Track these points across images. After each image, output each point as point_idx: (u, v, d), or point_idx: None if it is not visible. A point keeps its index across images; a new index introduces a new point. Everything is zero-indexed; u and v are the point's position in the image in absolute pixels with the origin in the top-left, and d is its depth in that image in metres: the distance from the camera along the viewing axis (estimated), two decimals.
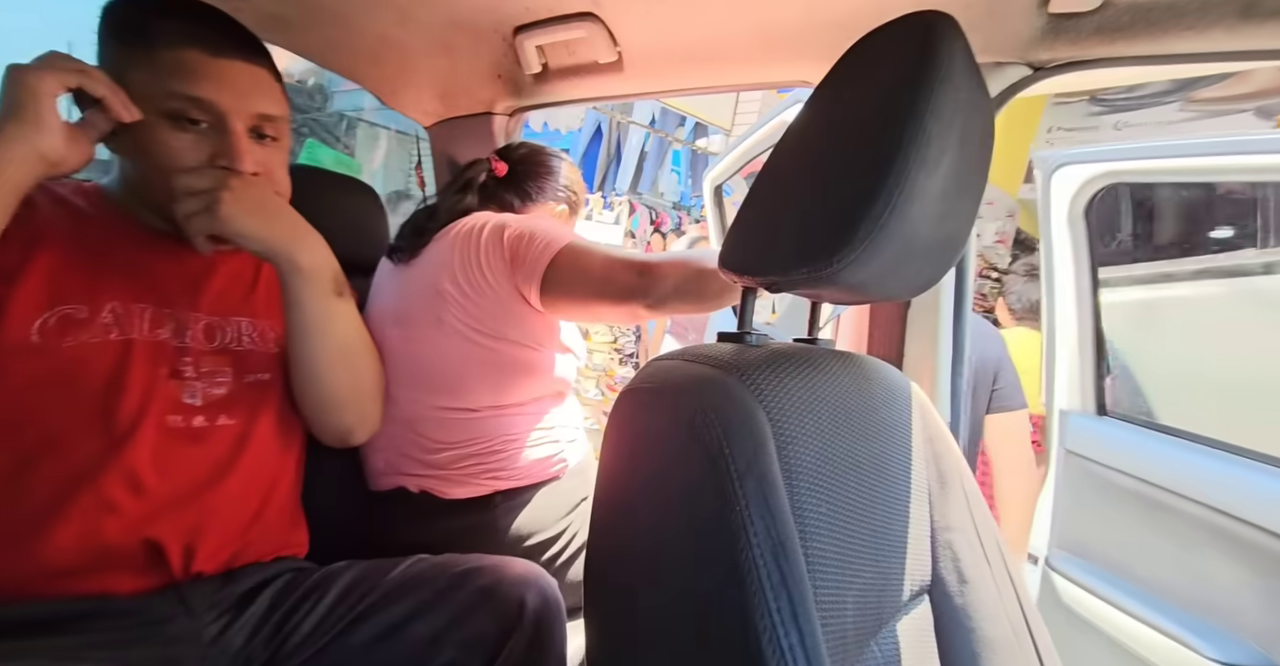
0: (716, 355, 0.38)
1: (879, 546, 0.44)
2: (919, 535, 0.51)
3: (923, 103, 0.35)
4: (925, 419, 0.55)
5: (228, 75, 0.55)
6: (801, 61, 0.70)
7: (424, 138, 1.20)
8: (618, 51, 0.79)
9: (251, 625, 0.56)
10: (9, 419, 0.49)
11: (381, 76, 1.02)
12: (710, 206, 2.01)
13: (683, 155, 5.55)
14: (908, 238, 0.40)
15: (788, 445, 0.35)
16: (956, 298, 0.72)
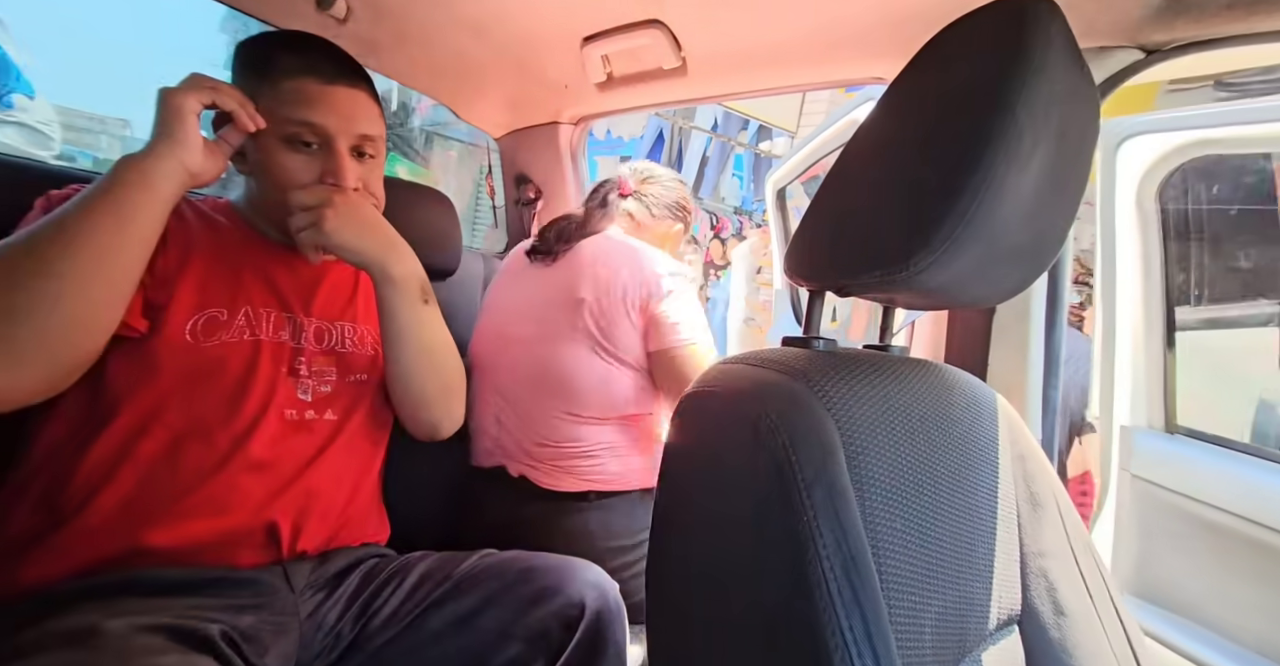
0: (782, 360, 0.37)
1: (960, 568, 0.41)
2: (1007, 560, 0.47)
3: (1013, 94, 0.33)
4: (1014, 434, 0.51)
5: (335, 101, 0.61)
6: (874, 58, 0.67)
7: (494, 148, 1.26)
8: (681, 57, 0.80)
9: (342, 604, 0.60)
10: (163, 408, 0.55)
11: (457, 92, 1.08)
12: (773, 211, 1.97)
13: (745, 159, 5.48)
14: (993, 239, 0.37)
15: (858, 455, 0.33)
16: (1049, 304, 0.66)
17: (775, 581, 0.28)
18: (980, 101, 0.34)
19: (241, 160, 0.63)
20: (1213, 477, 0.92)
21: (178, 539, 0.53)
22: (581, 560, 0.65)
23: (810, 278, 0.42)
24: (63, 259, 0.47)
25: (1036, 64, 0.33)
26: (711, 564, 0.32)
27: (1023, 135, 0.34)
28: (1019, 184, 0.36)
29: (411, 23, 0.87)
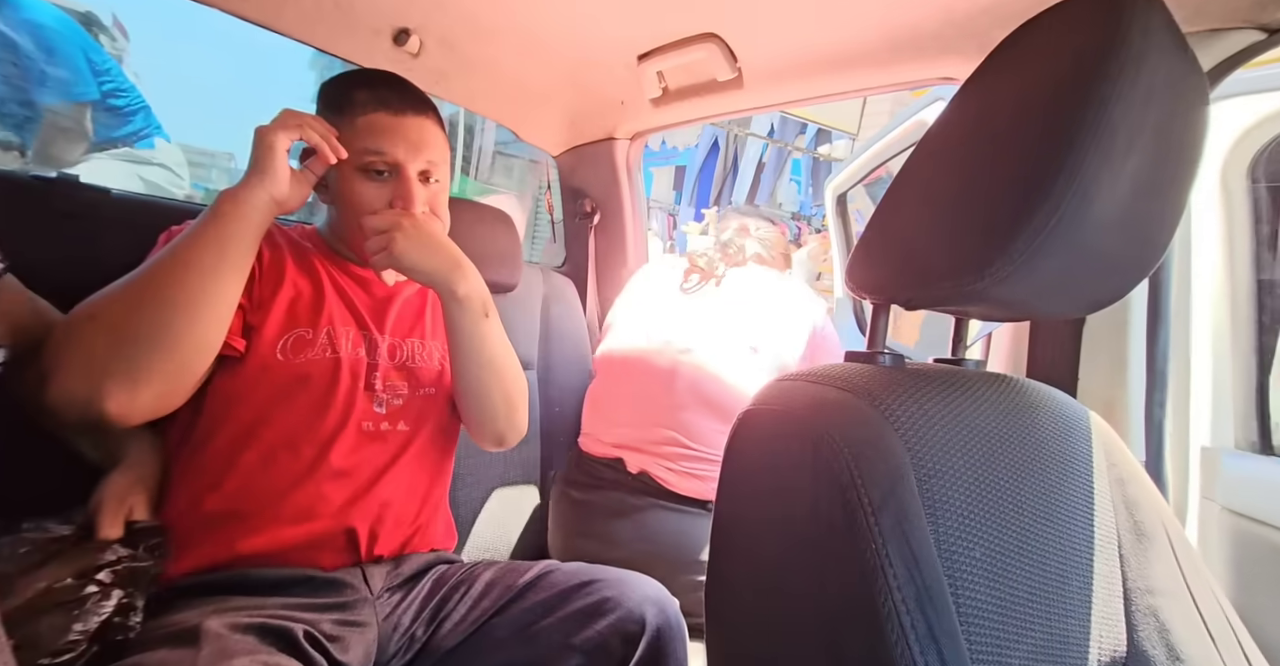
0: (844, 376, 0.35)
1: (1052, 603, 0.37)
2: (1107, 595, 0.42)
3: (1104, 89, 0.30)
4: (1112, 457, 0.46)
5: (404, 131, 0.65)
6: (943, 57, 0.64)
7: (553, 165, 1.30)
8: (737, 68, 0.79)
9: (415, 607, 0.63)
10: (259, 421, 0.60)
11: (519, 114, 1.13)
12: (833, 217, 1.91)
13: (803, 163, 5.35)
14: (1082, 245, 0.34)
15: (930, 478, 0.31)
16: (1151, 312, 0.59)
17: (841, 614, 0.27)
18: (1067, 98, 0.32)
19: (324, 189, 0.68)
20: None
21: (269, 542, 0.58)
22: (641, 575, 0.65)
23: (875, 290, 0.40)
24: (173, 286, 0.52)
25: (1133, 55, 0.30)
26: (771, 593, 0.30)
27: (1116, 133, 0.31)
28: (1113, 185, 0.33)
29: (477, 53, 0.92)
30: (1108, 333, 0.60)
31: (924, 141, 0.41)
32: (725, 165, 5.26)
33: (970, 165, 0.37)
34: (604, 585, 0.62)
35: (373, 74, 0.71)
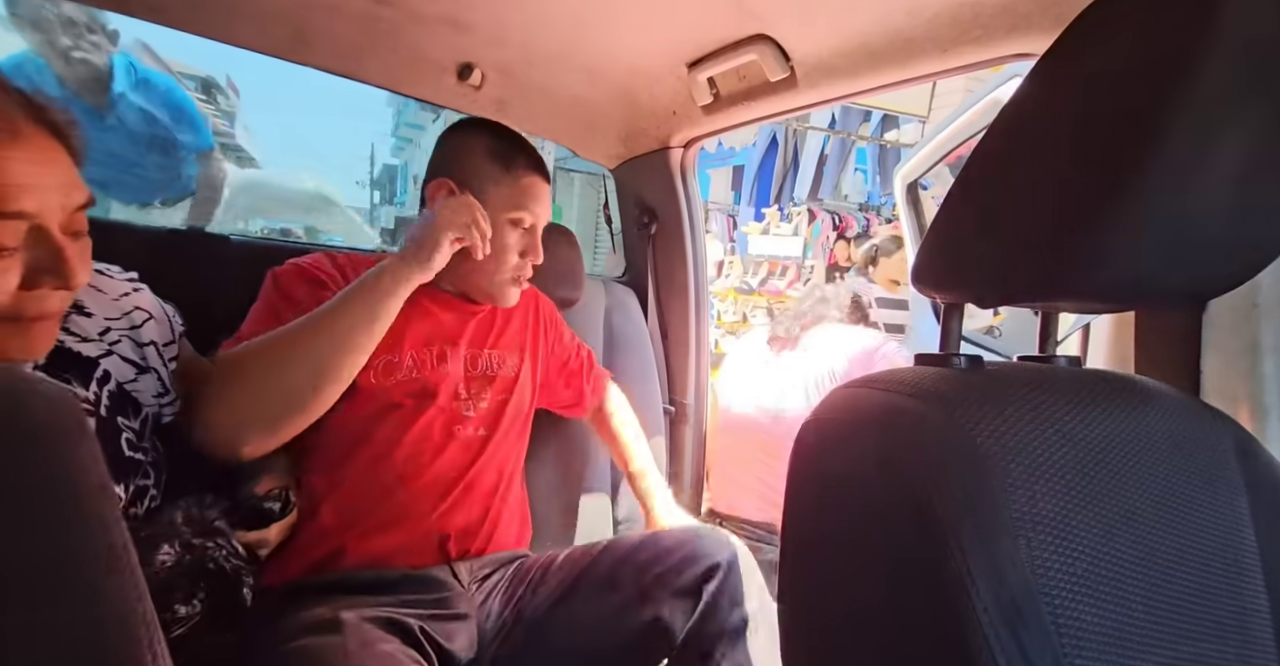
0: (914, 382, 0.33)
1: (1180, 625, 0.34)
2: (1248, 616, 0.37)
3: (1203, 54, 0.27)
4: (1247, 460, 0.41)
5: (545, 196, 0.76)
6: (1015, 33, 0.59)
7: (610, 177, 1.33)
8: (790, 67, 0.78)
9: (503, 595, 0.70)
10: (361, 438, 0.67)
11: (576, 133, 1.17)
12: (903, 206, 1.81)
13: (868, 152, 5.11)
14: (1187, 224, 0.31)
15: (1016, 489, 0.28)
16: None
17: (924, 636, 0.25)
18: (1161, 66, 0.29)
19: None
20: None
21: (372, 545, 0.65)
22: (707, 526, 0.72)
23: (947, 288, 0.38)
24: (319, 353, 0.57)
25: (1232, 11, 0.27)
26: (845, 614, 0.29)
27: (1220, 99, 0.28)
28: (1219, 157, 0.30)
29: (534, 79, 0.96)
30: (1234, 319, 0.53)
31: (996, 124, 0.38)
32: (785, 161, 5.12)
33: (1049, 145, 0.34)
34: (672, 536, 0.69)
35: (521, 138, 0.79)
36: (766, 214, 4.69)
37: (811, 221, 4.73)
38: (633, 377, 1.13)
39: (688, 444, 1.20)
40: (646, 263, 1.23)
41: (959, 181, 0.39)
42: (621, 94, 1.00)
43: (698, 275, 1.19)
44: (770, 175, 5.21)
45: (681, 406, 1.20)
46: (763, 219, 4.71)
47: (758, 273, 4.71)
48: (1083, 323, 0.63)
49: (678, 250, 1.19)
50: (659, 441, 1.13)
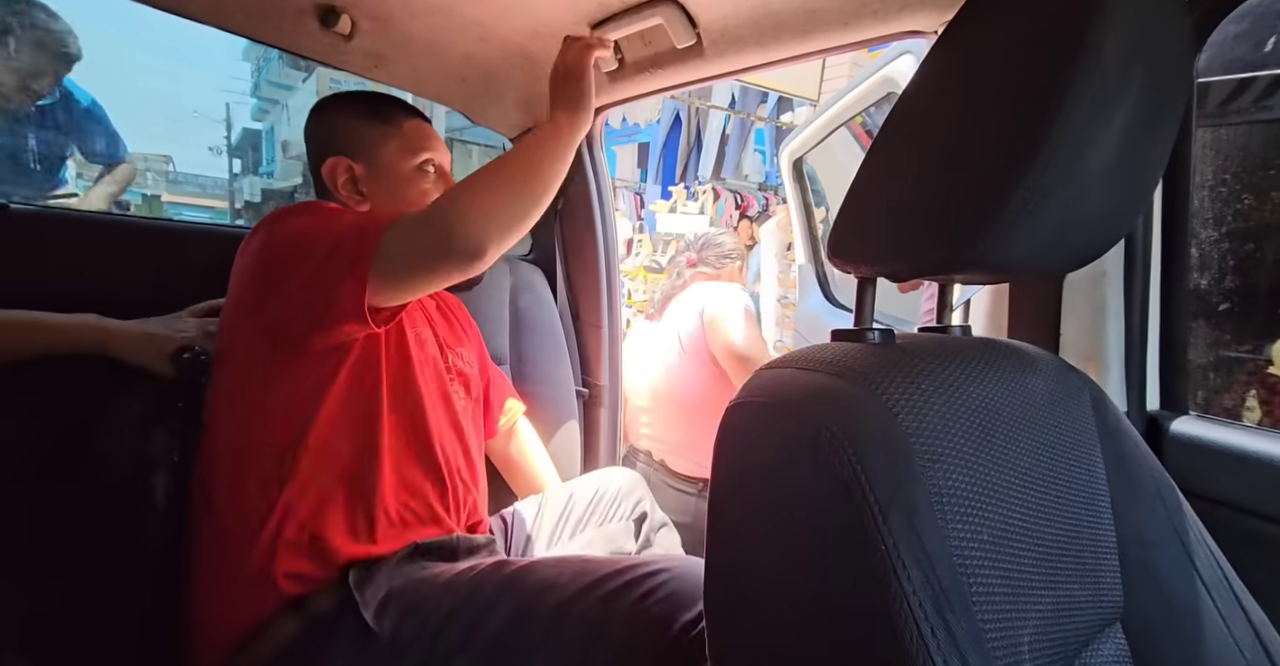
0: (836, 360, 0.33)
1: (1055, 571, 0.37)
2: (1102, 553, 0.42)
3: (1092, 35, 0.28)
4: (1100, 411, 0.46)
5: (436, 134, 0.76)
6: (911, 9, 0.61)
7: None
8: (696, 33, 0.75)
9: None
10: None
11: (468, 96, 1.07)
12: (790, 183, 1.88)
13: (767, 133, 5.30)
14: (1076, 203, 0.32)
15: (934, 464, 0.29)
16: (1128, 264, 0.59)
17: (855, 623, 0.25)
18: (1052, 47, 0.30)
19: (363, 200, 0.73)
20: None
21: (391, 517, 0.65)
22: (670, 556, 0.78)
23: (860, 263, 0.38)
24: (544, 174, 0.63)
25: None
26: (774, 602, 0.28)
27: (1106, 82, 0.29)
28: (1105, 138, 0.31)
29: (415, 32, 0.85)
30: (1088, 287, 0.60)
31: (901, 101, 0.38)
32: (689, 139, 5.18)
33: (953, 124, 0.34)
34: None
35: (387, 93, 0.79)
36: (673, 192, 4.73)
37: (716, 200, 4.84)
38: (543, 360, 1.08)
39: (603, 426, 1.18)
40: (554, 240, 1.17)
41: (868, 158, 0.39)
42: (519, 55, 0.92)
43: (608, 253, 1.16)
44: (675, 153, 5.25)
45: (596, 388, 1.18)
46: (670, 197, 4.75)
47: (667, 251, 4.77)
48: (969, 294, 0.69)
49: (586, 227, 1.14)
50: (572, 425, 1.10)
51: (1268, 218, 1.61)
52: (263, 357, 0.61)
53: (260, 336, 0.61)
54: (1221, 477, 0.56)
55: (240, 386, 0.62)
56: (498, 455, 0.95)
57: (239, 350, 0.62)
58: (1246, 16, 0.52)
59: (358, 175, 0.72)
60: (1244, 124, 1.70)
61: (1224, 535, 0.46)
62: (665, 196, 4.88)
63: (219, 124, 17.33)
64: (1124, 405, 0.61)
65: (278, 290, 0.59)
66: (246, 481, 0.60)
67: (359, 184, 0.72)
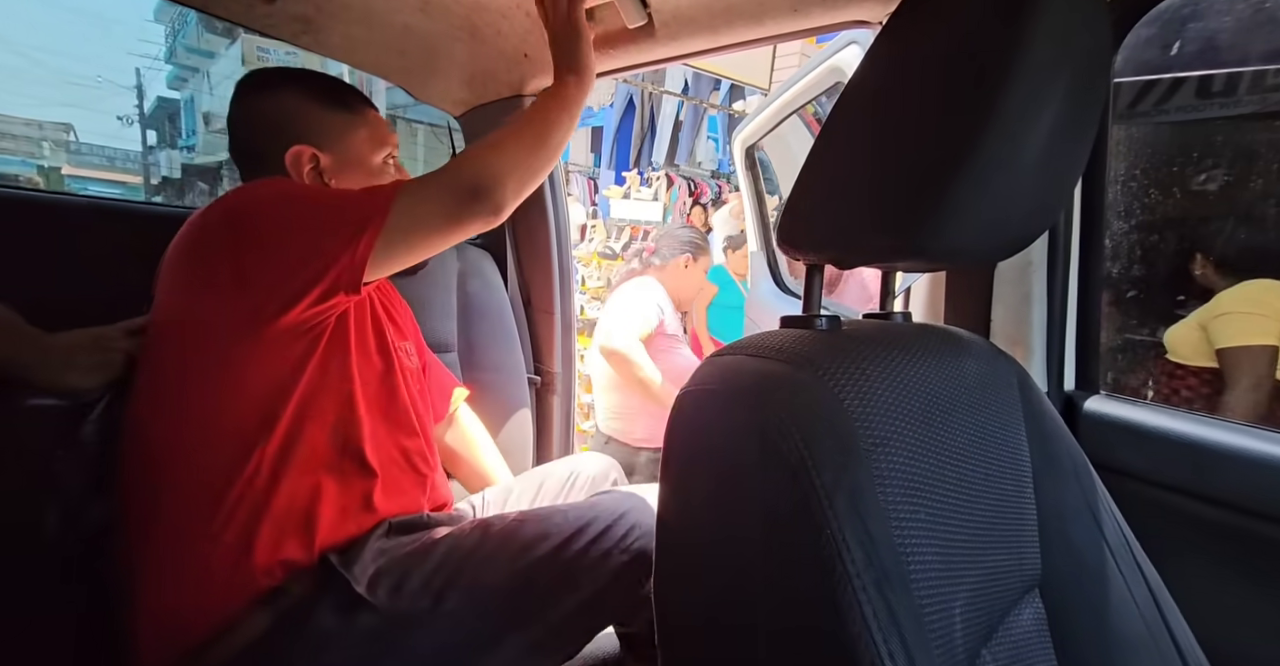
0: (785, 346, 0.33)
1: (984, 543, 0.39)
2: (1024, 524, 0.45)
3: (1027, 30, 0.29)
4: (1025, 393, 0.49)
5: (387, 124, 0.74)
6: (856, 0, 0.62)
7: (456, 129, 1.19)
8: (648, 14, 0.74)
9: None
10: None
11: (409, 69, 1.01)
12: (742, 171, 1.90)
13: (719, 120, 5.32)
14: (1009, 191, 0.34)
15: (876, 447, 0.30)
16: (1050, 254, 0.63)
17: (800, 606, 0.25)
18: (986, 40, 0.30)
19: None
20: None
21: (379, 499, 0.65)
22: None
23: (808, 250, 0.38)
24: (559, 134, 0.66)
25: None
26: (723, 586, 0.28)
27: (1035, 75, 0.30)
28: (1032, 131, 0.32)
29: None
30: (1015, 275, 0.63)
31: (846, 92, 0.38)
32: (642, 125, 5.13)
33: (895, 115, 0.35)
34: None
35: (330, 75, 0.74)
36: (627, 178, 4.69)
37: (670, 187, 4.84)
38: (492, 347, 1.05)
39: (556, 414, 1.16)
40: (504, 225, 1.14)
41: (816, 147, 0.39)
42: (463, 28, 0.87)
43: (560, 239, 1.13)
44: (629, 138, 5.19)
45: (549, 375, 1.16)
46: (623, 183, 4.70)
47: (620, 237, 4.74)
48: (910, 282, 0.71)
49: (538, 212, 1.11)
50: (524, 413, 1.08)
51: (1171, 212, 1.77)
52: (226, 339, 0.56)
53: (227, 314, 0.56)
54: (1127, 451, 0.61)
55: (199, 370, 0.57)
56: (439, 446, 0.92)
57: (195, 332, 0.57)
58: (1156, 20, 0.56)
59: (324, 166, 0.68)
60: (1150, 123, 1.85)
61: (1128, 504, 0.50)
62: (619, 182, 4.83)
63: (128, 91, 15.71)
64: (1045, 385, 0.66)
65: (264, 260, 0.55)
66: (208, 475, 0.55)
67: (325, 174, 0.68)
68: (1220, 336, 1.44)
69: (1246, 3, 1.46)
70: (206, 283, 0.56)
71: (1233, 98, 1.95)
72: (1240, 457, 0.56)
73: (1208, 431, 0.58)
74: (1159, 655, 0.43)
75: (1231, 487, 0.56)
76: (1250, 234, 1.69)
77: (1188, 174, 1.80)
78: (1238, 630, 0.55)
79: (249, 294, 0.55)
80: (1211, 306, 1.49)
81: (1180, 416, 0.60)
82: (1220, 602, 0.55)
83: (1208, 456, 0.57)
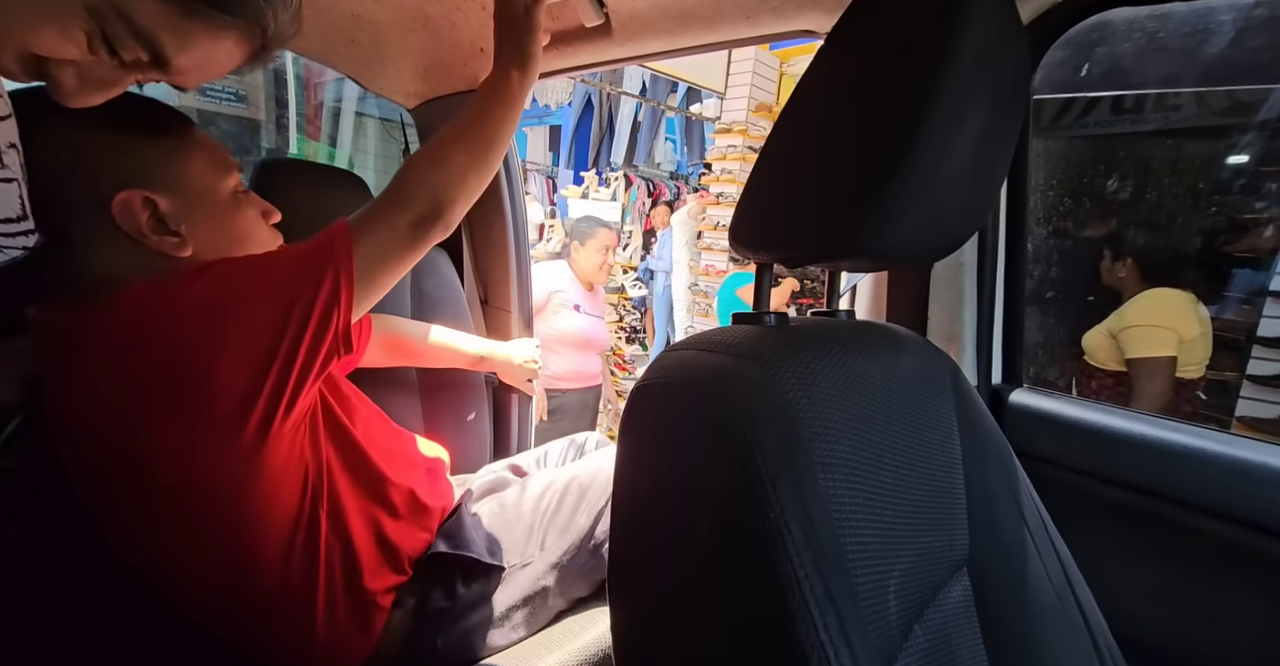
0: (735, 342, 0.35)
1: (917, 525, 0.42)
2: (955, 508, 0.49)
3: (951, 44, 0.31)
4: (958, 385, 0.53)
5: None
6: (804, 10, 0.64)
7: (410, 123, 1.16)
8: (604, 13, 0.74)
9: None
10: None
11: (359, 59, 0.97)
12: None
13: (677, 122, 5.38)
14: (939, 197, 0.36)
15: (819, 437, 0.32)
16: (980, 255, 0.68)
17: (745, 585, 0.27)
18: (917, 53, 0.33)
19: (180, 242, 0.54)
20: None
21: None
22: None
23: (756, 249, 0.40)
24: (503, 141, 0.65)
25: (973, 10, 0.32)
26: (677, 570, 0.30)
27: (962, 87, 0.33)
28: (961, 139, 0.35)
29: None
30: (949, 276, 0.68)
31: (792, 97, 0.40)
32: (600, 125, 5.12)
33: (836, 122, 0.37)
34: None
35: (133, 96, 0.52)
36: (585, 177, 4.68)
37: (629, 187, 4.86)
38: None
39: (514, 412, 1.15)
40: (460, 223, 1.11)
41: (765, 149, 0.41)
42: (416, 18, 0.85)
43: (518, 237, 1.12)
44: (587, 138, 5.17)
45: None
46: (582, 182, 4.68)
47: None
48: (855, 281, 0.75)
49: (495, 209, 1.10)
50: (482, 410, 1.06)
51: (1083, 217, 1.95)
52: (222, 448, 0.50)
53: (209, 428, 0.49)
54: (1046, 439, 0.66)
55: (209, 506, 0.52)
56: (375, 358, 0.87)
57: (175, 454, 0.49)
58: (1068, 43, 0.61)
59: (164, 211, 0.52)
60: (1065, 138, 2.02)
61: (1046, 487, 0.55)
62: (577, 181, 4.81)
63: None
64: (975, 379, 0.71)
65: (229, 366, 0.48)
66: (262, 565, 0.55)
67: (169, 222, 0.53)
68: (1129, 348, 1.64)
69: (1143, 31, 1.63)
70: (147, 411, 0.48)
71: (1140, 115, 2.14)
72: (1144, 444, 0.62)
73: (1115, 421, 0.64)
74: (1068, 623, 0.47)
75: (1137, 472, 0.62)
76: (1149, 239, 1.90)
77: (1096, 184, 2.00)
78: (1139, 599, 0.61)
79: (211, 407, 0.49)
80: (1119, 318, 1.70)
81: (1093, 408, 0.66)
82: (1124, 575, 0.61)
83: (1116, 443, 0.63)
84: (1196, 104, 2.10)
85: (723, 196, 3.83)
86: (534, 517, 0.71)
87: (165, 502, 0.51)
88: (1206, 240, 2.10)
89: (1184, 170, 2.11)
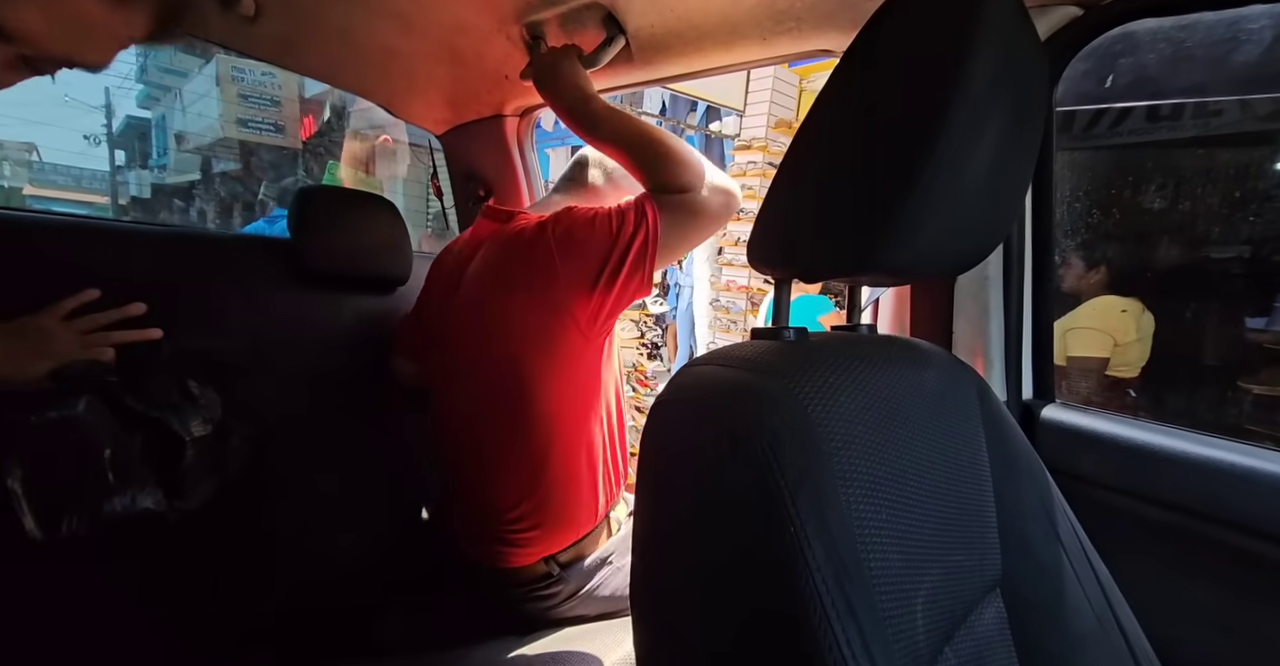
0: (754, 357, 0.35)
1: (945, 544, 0.41)
2: (985, 526, 0.47)
3: (967, 62, 0.32)
4: (984, 400, 0.52)
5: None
6: (821, 30, 0.66)
7: (438, 148, 1.20)
8: (625, 40, 0.77)
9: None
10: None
11: (390, 89, 1.02)
12: None
13: (697, 140, 5.44)
14: (955, 211, 0.36)
15: (839, 451, 0.32)
16: (1006, 269, 0.67)
17: (768, 601, 0.27)
18: (934, 71, 0.33)
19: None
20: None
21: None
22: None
23: (775, 265, 0.40)
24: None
25: (988, 27, 0.32)
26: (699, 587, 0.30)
27: (978, 104, 0.33)
28: (978, 153, 0.35)
29: (327, 17, 0.81)
30: (975, 290, 0.67)
31: (810, 115, 0.41)
32: None
33: (853, 139, 0.38)
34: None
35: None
36: None
37: None
38: None
39: None
40: None
41: (782, 166, 0.41)
42: (444, 50, 0.90)
43: None
44: None
45: None
46: None
47: None
48: (876, 295, 0.74)
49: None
50: None
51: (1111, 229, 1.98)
52: (566, 342, 0.70)
53: (560, 324, 0.69)
54: (1081, 456, 0.64)
55: (547, 364, 0.70)
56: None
57: (537, 333, 0.69)
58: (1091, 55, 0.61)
59: None
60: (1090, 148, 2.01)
61: (1081, 506, 0.53)
62: None
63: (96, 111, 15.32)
64: (1004, 395, 0.69)
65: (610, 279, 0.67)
66: (576, 448, 0.74)
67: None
68: (1071, 346, 1.87)
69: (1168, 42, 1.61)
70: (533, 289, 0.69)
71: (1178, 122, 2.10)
72: (1187, 462, 0.59)
73: (1156, 438, 0.61)
74: (1110, 648, 0.45)
75: (1175, 490, 0.59)
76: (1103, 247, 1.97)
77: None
78: (1184, 623, 0.58)
79: (573, 309, 0.68)
80: (1070, 319, 1.91)
81: (1130, 424, 0.64)
82: (1165, 596, 0.58)
83: (1154, 460, 0.61)
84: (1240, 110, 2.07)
85: (743, 212, 3.84)
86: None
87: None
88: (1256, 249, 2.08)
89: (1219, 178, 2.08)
